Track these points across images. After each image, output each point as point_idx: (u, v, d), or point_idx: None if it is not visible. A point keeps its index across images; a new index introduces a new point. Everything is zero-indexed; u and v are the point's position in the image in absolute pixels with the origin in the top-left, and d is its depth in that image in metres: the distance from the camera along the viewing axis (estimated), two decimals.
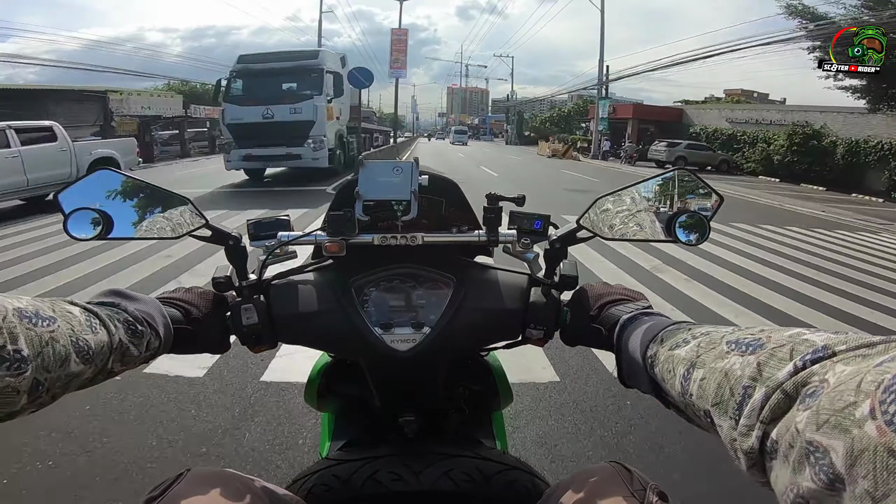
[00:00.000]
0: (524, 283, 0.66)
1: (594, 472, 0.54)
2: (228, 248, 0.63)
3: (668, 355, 0.42)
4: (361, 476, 0.62)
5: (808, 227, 7.87)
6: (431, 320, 0.63)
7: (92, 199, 0.57)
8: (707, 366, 0.36)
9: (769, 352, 0.31)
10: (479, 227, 0.69)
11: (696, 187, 0.62)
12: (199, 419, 2.13)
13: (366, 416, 0.79)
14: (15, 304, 0.35)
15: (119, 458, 1.84)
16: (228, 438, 2.00)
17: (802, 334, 0.30)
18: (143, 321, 0.49)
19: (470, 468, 0.63)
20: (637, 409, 2.21)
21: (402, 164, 0.63)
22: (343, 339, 0.64)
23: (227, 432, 2.04)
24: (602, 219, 0.64)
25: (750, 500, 1.60)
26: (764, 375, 0.29)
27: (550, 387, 2.45)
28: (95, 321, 0.42)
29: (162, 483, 0.48)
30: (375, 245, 0.65)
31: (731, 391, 0.32)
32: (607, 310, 0.59)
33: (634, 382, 0.50)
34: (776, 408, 0.27)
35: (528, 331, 0.64)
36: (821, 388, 0.25)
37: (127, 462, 1.82)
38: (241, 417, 2.15)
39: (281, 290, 0.65)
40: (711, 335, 0.39)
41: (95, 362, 0.41)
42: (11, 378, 0.32)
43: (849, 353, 0.26)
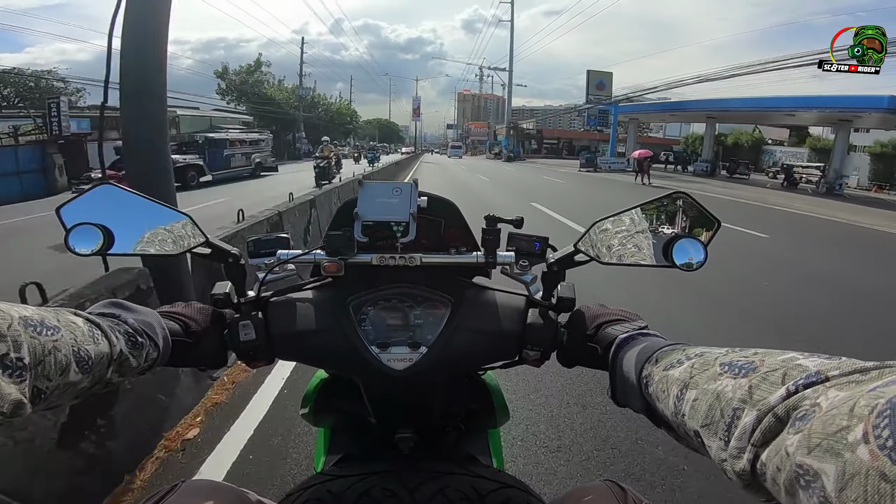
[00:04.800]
0: (522, 304, 0.67)
1: (589, 490, 0.54)
2: (228, 265, 0.64)
3: (662, 375, 0.42)
4: (355, 492, 0.61)
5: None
6: (428, 340, 0.63)
7: (93, 214, 0.57)
8: (700, 387, 0.36)
9: (762, 375, 0.31)
10: (477, 249, 0.69)
11: (694, 212, 0.62)
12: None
13: (361, 432, 0.79)
14: (22, 312, 0.36)
15: None
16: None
17: (796, 359, 0.30)
18: (142, 333, 0.49)
19: (465, 486, 0.62)
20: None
21: (402, 185, 0.64)
22: (340, 357, 0.64)
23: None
24: (600, 242, 0.64)
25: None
26: (755, 398, 0.30)
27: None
28: (98, 332, 0.43)
29: (155, 493, 0.49)
30: (374, 265, 0.65)
31: (722, 413, 0.32)
32: (603, 329, 0.59)
33: (627, 401, 0.50)
34: (767, 431, 0.27)
35: (524, 352, 0.64)
36: (812, 412, 0.25)
37: None
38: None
39: (279, 308, 0.65)
40: (705, 356, 0.39)
41: (94, 372, 0.41)
42: (15, 385, 0.33)
43: (842, 378, 0.26)
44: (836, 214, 11.54)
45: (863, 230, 9.56)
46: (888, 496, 0.19)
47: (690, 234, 0.60)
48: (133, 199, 0.61)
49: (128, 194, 0.61)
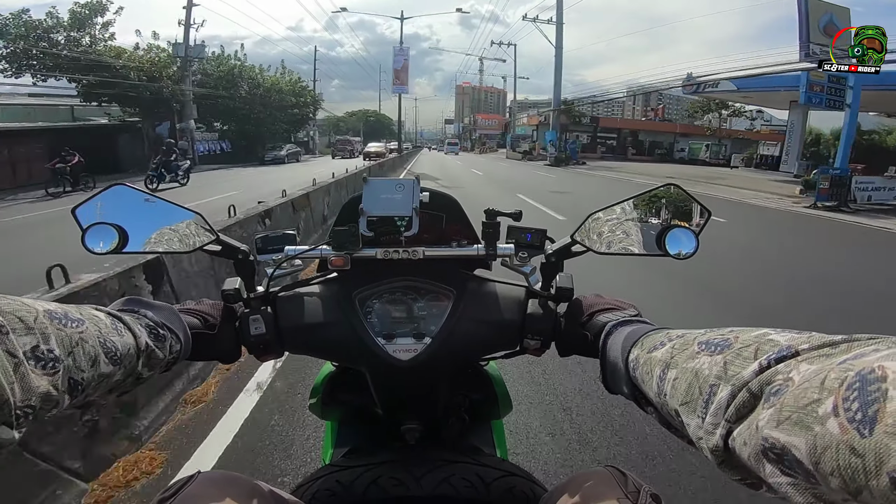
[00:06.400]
0: (521, 295, 0.69)
1: (590, 476, 0.55)
2: (238, 261, 0.66)
3: (646, 358, 0.43)
4: (364, 482, 0.63)
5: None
6: (432, 331, 0.65)
7: (107, 214, 0.59)
8: (679, 366, 0.37)
9: (735, 351, 0.31)
10: (478, 242, 0.71)
11: (686, 202, 0.64)
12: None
13: (368, 424, 0.81)
14: (45, 306, 0.37)
15: None
16: None
17: (768, 335, 0.31)
18: (163, 325, 0.51)
19: (470, 474, 0.64)
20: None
21: (405, 182, 0.66)
22: (347, 349, 0.66)
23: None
24: (595, 233, 0.66)
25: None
26: (729, 374, 0.30)
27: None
28: (120, 325, 0.44)
29: (174, 484, 0.50)
30: (378, 259, 0.67)
31: (700, 390, 0.32)
32: (595, 317, 0.60)
33: (617, 388, 0.51)
34: (742, 406, 0.28)
35: (525, 341, 0.66)
36: (785, 387, 0.25)
37: None
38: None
39: (287, 302, 0.67)
40: (686, 337, 0.40)
41: (124, 364, 0.43)
42: (49, 376, 0.34)
43: (812, 351, 0.27)
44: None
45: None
46: (860, 470, 0.19)
47: (683, 224, 0.62)
48: (144, 199, 0.63)
49: (139, 194, 0.63)
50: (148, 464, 1.87)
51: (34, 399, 0.32)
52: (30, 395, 0.32)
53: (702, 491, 1.77)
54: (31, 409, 0.32)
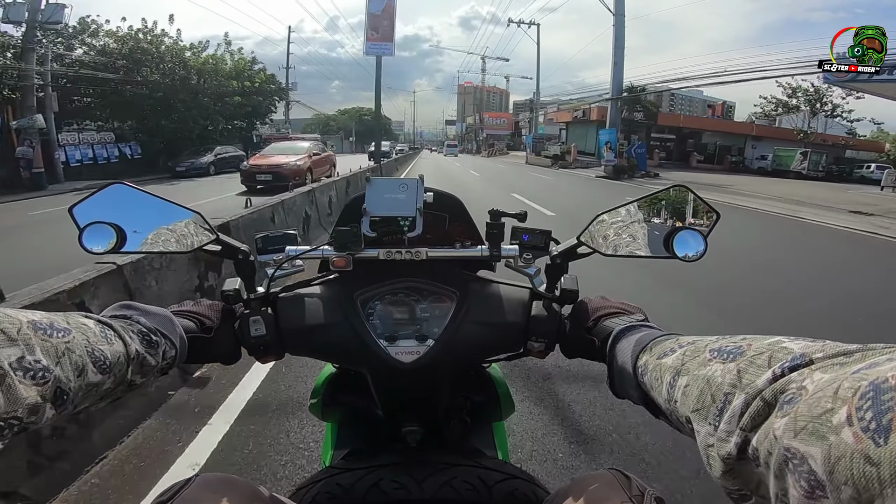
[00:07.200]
0: (526, 296, 0.68)
1: (593, 478, 0.55)
2: (238, 261, 0.65)
3: (656, 364, 0.43)
4: (364, 484, 0.63)
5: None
6: (435, 333, 0.64)
7: (105, 213, 0.58)
8: (691, 373, 0.36)
9: (749, 359, 0.31)
10: (482, 242, 0.70)
11: (694, 203, 0.63)
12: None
13: (369, 426, 0.80)
14: (29, 316, 0.36)
15: None
16: None
17: (781, 342, 0.31)
18: (156, 331, 0.50)
19: (471, 477, 0.64)
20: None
21: (408, 182, 0.65)
22: (348, 351, 0.65)
23: None
24: (601, 235, 0.65)
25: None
26: (743, 382, 0.30)
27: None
28: (110, 332, 0.43)
29: (172, 487, 0.49)
30: (381, 260, 0.67)
31: (713, 398, 0.32)
32: (602, 322, 0.60)
33: (625, 392, 0.51)
34: (756, 415, 0.28)
35: (529, 343, 0.65)
36: (798, 396, 0.25)
37: None
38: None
39: (288, 303, 0.66)
40: (697, 344, 0.39)
41: (114, 372, 0.42)
42: (38, 387, 0.33)
43: (826, 360, 0.26)
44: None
45: None
46: (874, 479, 0.19)
47: (691, 226, 0.62)
48: (143, 198, 0.61)
49: (138, 193, 0.61)
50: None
51: (20, 410, 0.32)
52: (15, 406, 0.31)
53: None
54: (16, 421, 0.31)
